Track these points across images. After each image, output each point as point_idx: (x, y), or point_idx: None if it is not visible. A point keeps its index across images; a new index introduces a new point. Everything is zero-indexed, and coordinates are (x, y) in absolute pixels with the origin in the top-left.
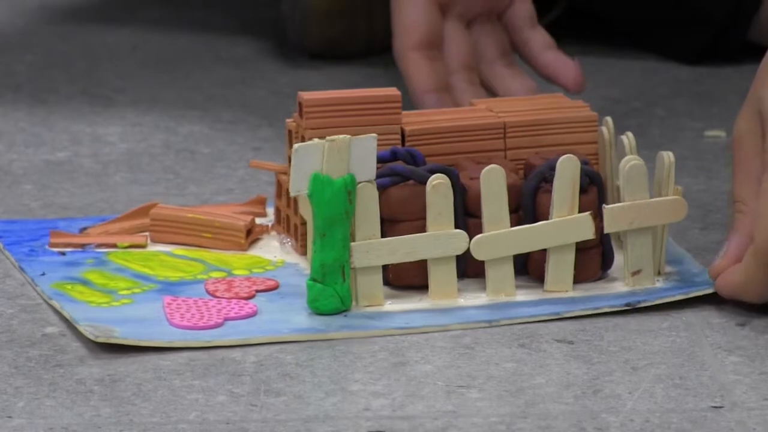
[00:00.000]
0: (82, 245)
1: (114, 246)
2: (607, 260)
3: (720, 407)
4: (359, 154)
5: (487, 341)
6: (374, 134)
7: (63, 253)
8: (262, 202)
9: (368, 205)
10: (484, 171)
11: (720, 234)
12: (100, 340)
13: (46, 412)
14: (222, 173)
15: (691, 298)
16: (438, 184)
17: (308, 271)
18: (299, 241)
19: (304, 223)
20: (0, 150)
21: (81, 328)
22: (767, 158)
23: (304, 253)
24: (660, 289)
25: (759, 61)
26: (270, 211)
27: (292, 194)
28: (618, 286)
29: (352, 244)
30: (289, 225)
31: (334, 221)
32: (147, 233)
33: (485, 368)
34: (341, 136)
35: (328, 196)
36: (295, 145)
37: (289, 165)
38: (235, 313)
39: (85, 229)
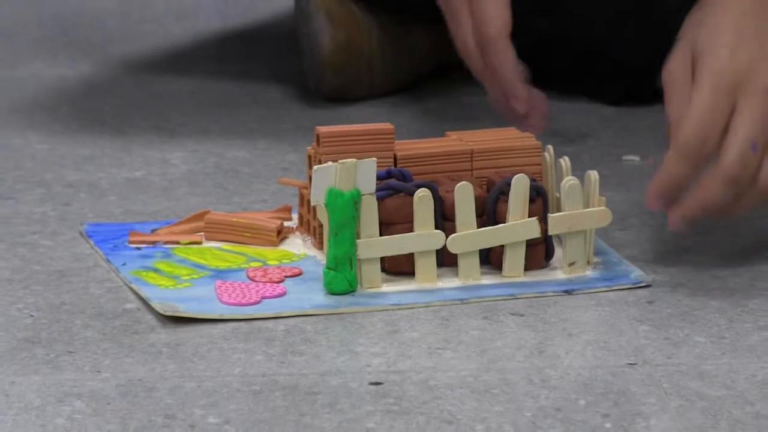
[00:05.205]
0: (153, 242)
1: (177, 243)
2: (549, 253)
3: (634, 364)
4: (363, 173)
5: (459, 314)
6: (374, 158)
7: (139, 248)
8: (288, 209)
9: (370, 212)
10: (457, 186)
11: (635, 234)
12: (168, 313)
13: (126, 367)
14: (259, 188)
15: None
16: (422, 196)
17: (325, 262)
18: (317, 239)
19: (321, 226)
20: (91, 170)
21: (153, 305)
22: (696, 81)
23: (321, 248)
24: (590, 279)
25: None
26: (295, 216)
27: (312, 204)
28: (558, 274)
29: (358, 241)
30: (309, 227)
31: (344, 224)
32: (202, 233)
33: (457, 335)
34: (349, 159)
35: (340, 205)
36: (315, 167)
37: (310, 182)
38: (269, 293)
39: (155, 230)
